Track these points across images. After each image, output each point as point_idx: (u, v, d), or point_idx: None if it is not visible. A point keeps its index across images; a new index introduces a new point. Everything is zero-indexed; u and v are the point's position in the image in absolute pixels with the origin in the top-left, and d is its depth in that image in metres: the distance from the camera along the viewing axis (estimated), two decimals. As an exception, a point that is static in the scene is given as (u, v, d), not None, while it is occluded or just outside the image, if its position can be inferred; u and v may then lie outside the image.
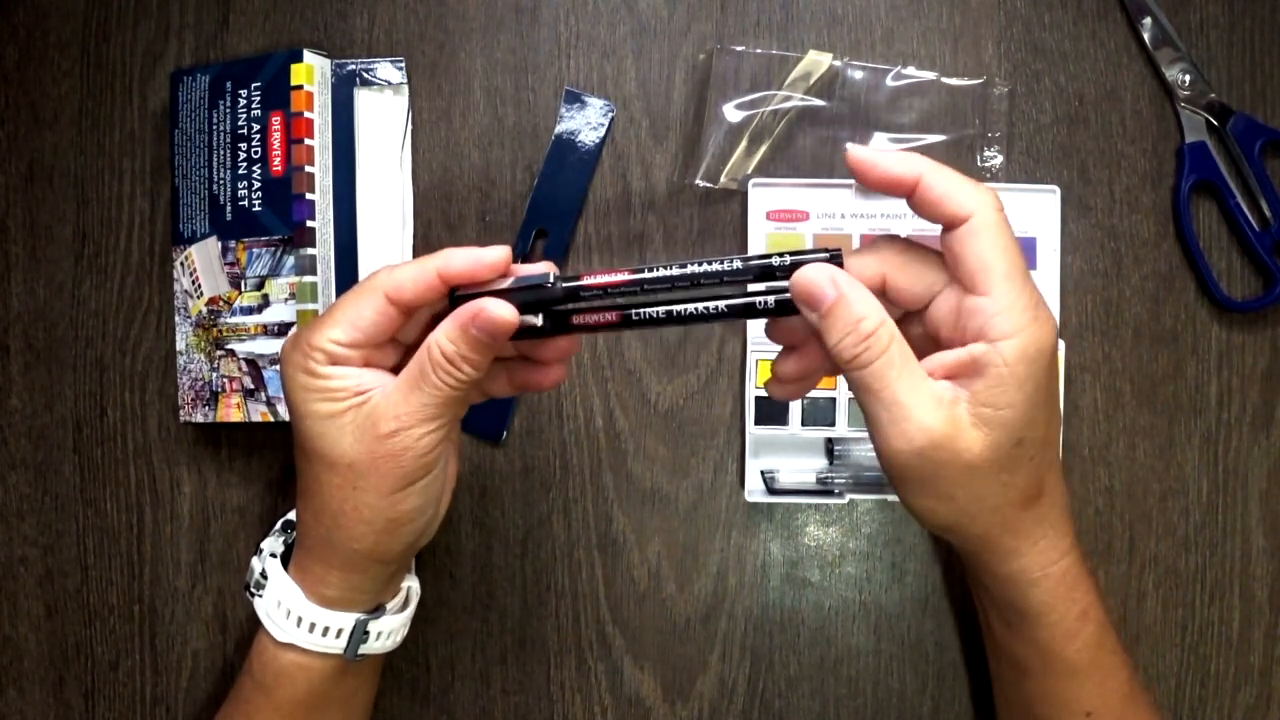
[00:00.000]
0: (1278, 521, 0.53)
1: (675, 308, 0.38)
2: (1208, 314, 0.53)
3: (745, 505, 0.53)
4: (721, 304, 0.38)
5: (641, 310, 0.38)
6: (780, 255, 0.38)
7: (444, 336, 0.38)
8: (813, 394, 0.51)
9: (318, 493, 0.40)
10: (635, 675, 0.54)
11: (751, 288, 0.38)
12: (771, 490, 0.52)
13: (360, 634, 0.43)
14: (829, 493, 0.52)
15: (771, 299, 0.38)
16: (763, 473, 0.52)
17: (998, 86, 0.53)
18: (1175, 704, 0.53)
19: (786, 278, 0.37)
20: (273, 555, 0.45)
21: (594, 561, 0.54)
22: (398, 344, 0.41)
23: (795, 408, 0.51)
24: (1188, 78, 0.52)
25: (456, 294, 0.39)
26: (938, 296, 0.38)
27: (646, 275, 0.38)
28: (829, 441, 0.52)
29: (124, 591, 0.55)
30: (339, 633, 0.43)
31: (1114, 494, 0.53)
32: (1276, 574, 0.53)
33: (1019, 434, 0.37)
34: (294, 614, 0.42)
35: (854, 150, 0.37)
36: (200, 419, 0.52)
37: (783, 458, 0.52)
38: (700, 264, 0.38)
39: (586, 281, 0.39)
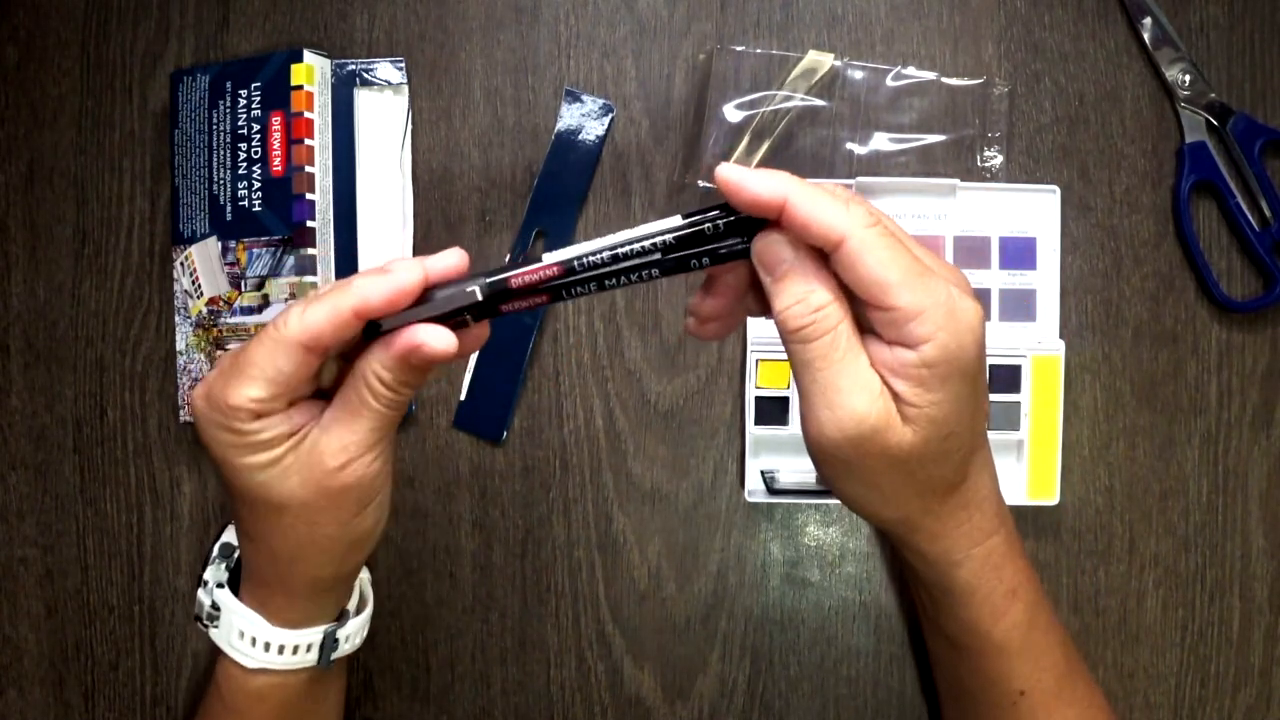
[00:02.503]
0: (1278, 521, 0.53)
1: (607, 280, 0.37)
2: (1208, 314, 0.53)
3: (745, 505, 0.53)
4: (654, 270, 0.37)
5: (572, 288, 0.37)
6: (712, 220, 0.36)
7: (380, 367, 0.37)
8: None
9: (269, 536, 0.39)
10: (635, 675, 0.54)
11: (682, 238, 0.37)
12: (771, 490, 0.52)
13: (330, 644, 0.43)
14: (829, 493, 0.52)
15: (706, 258, 0.37)
16: (763, 473, 0.52)
17: (998, 86, 0.53)
18: (1175, 704, 0.53)
19: (719, 240, 0.36)
20: (220, 586, 0.43)
21: (594, 561, 0.54)
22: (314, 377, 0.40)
23: (795, 408, 0.51)
24: (1188, 78, 0.52)
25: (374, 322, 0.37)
26: None
27: (576, 268, 0.37)
28: (829, 441, 0.52)
29: (124, 591, 0.55)
30: (309, 647, 0.42)
31: (1114, 494, 0.53)
32: (1276, 574, 0.53)
33: (947, 429, 0.36)
34: (260, 641, 0.42)
35: (724, 169, 0.35)
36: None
37: (782, 458, 0.52)
38: (631, 244, 0.36)
39: (515, 284, 0.37)
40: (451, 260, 0.38)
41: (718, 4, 0.53)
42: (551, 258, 0.37)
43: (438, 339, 0.36)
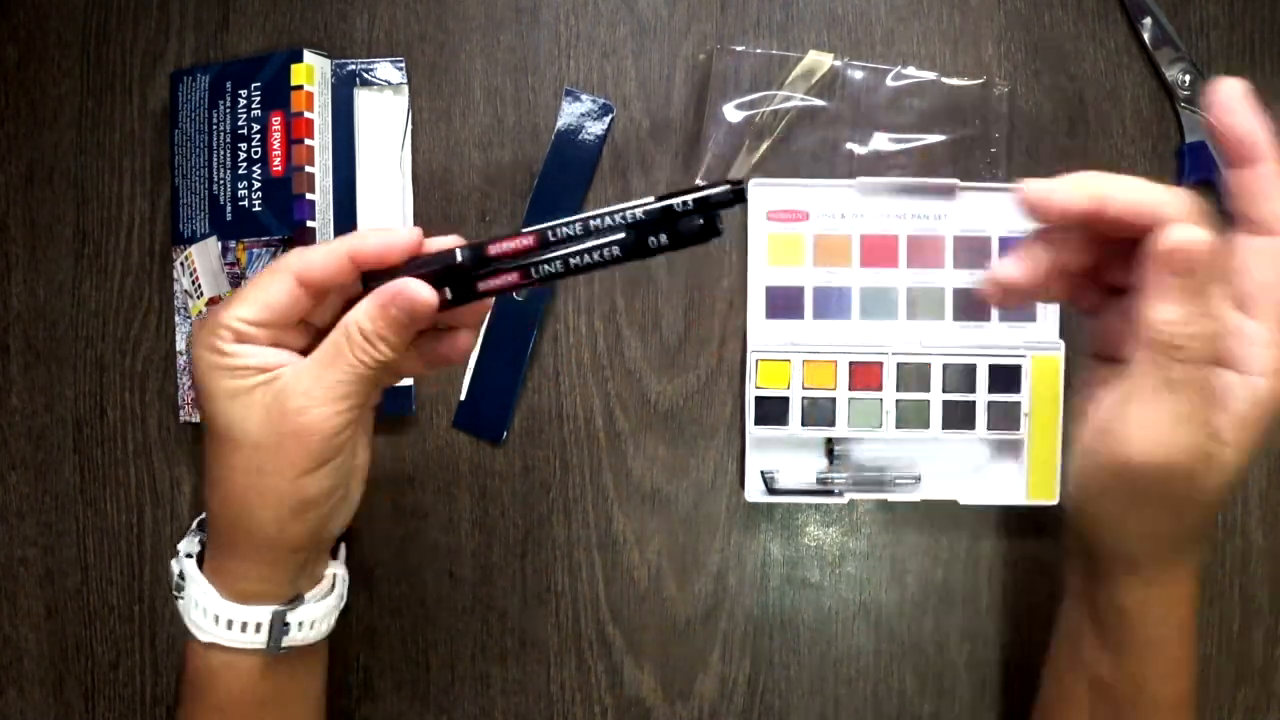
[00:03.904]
0: (1278, 521, 0.53)
1: (572, 260, 0.38)
2: (1208, 314, 0.53)
3: (745, 505, 0.53)
4: (615, 249, 0.37)
5: (540, 267, 0.38)
6: (682, 197, 0.37)
7: (363, 315, 0.38)
8: (812, 394, 0.51)
9: (224, 479, 0.40)
10: (635, 675, 0.54)
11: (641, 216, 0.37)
12: (771, 490, 0.52)
13: (280, 626, 0.42)
14: (829, 493, 0.52)
15: (664, 238, 0.37)
16: (763, 473, 0.52)
17: (998, 86, 0.53)
18: (1175, 704, 0.53)
19: (689, 216, 0.37)
20: (188, 555, 0.44)
21: (594, 561, 0.54)
22: (308, 327, 0.41)
23: (795, 408, 0.51)
24: (1188, 78, 0.52)
25: (368, 277, 0.40)
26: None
27: (550, 239, 0.38)
28: (829, 441, 0.52)
29: (124, 591, 0.55)
30: (258, 627, 0.42)
31: (1114, 494, 0.53)
32: (1276, 574, 0.53)
33: (1239, 478, 0.34)
34: (210, 612, 0.42)
35: (1028, 186, 0.33)
36: (200, 419, 0.52)
37: (783, 457, 0.52)
38: (602, 217, 0.37)
39: (493, 251, 0.39)
40: (448, 241, 0.40)
41: (718, 4, 0.53)
42: (528, 230, 0.38)
43: (418, 288, 0.38)
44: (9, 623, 0.55)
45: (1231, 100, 0.33)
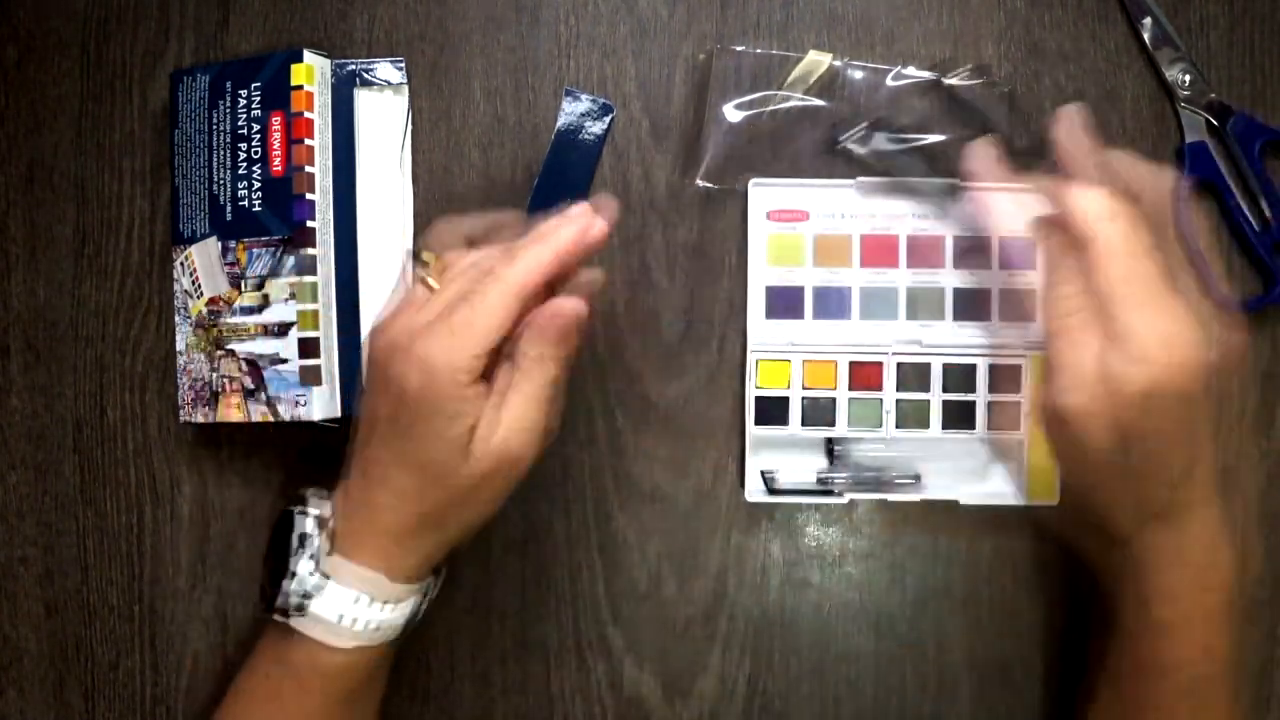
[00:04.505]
0: (1278, 521, 0.53)
1: None
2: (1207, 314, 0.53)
3: (745, 505, 0.53)
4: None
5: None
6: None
7: (548, 345, 0.41)
8: (812, 394, 0.51)
9: (421, 496, 0.42)
10: (635, 675, 0.54)
11: None
12: (771, 490, 0.52)
13: (425, 596, 0.45)
14: (829, 493, 0.52)
15: None
16: (763, 473, 0.52)
17: (998, 87, 0.53)
18: (1175, 704, 0.53)
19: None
20: (313, 574, 0.43)
21: (594, 561, 0.54)
22: None
23: (795, 408, 0.51)
24: (1188, 78, 0.52)
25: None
26: None
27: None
28: (829, 441, 0.52)
29: (124, 591, 0.55)
30: (411, 603, 0.44)
31: (1114, 494, 0.53)
32: (1276, 574, 0.53)
33: (1138, 448, 0.39)
34: (376, 601, 0.42)
35: (1068, 108, 0.41)
36: (200, 419, 0.52)
37: (783, 457, 0.52)
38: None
39: None
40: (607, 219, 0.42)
41: (718, 4, 0.53)
42: None
43: (576, 305, 0.41)
44: (9, 623, 0.55)
45: (1067, 114, 0.42)
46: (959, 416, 0.51)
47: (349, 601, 0.43)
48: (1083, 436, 0.40)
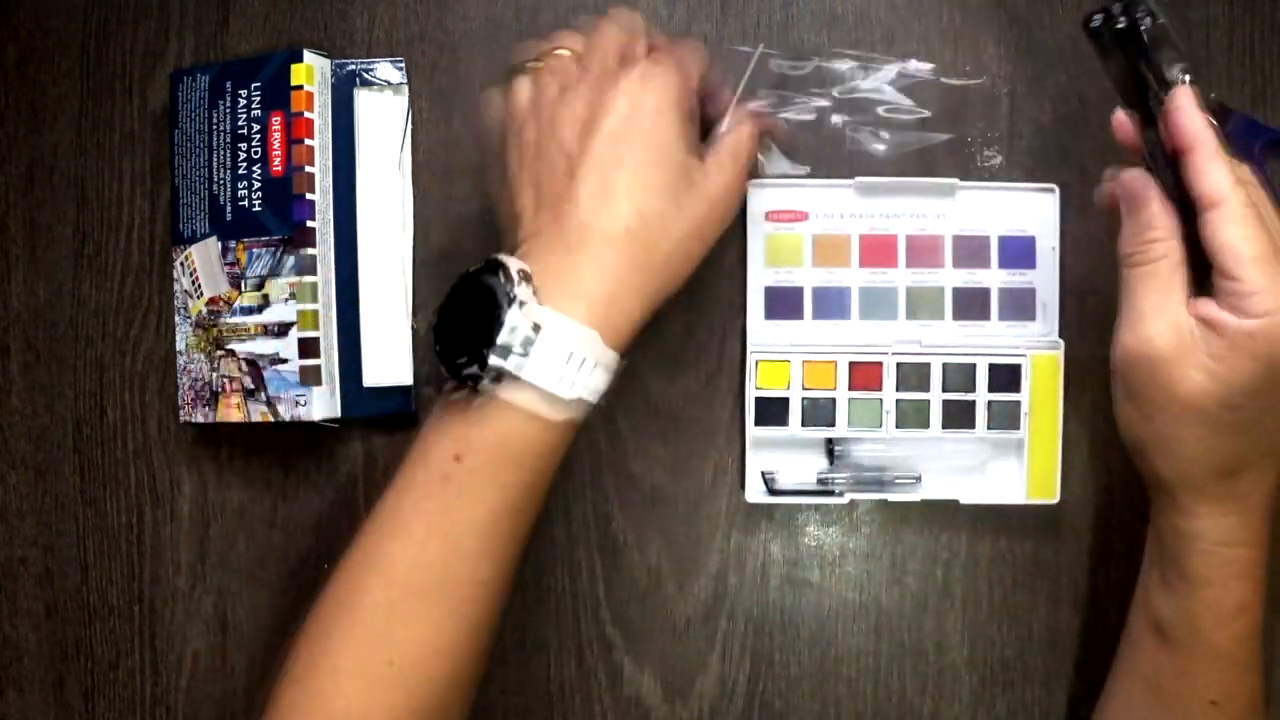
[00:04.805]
0: (1278, 521, 0.53)
1: None
2: (1208, 314, 0.53)
3: (745, 505, 0.53)
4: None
5: None
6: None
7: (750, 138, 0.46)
8: (812, 394, 0.51)
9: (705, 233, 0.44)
10: (635, 675, 0.54)
11: None
12: (772, 491, 0.52)
13: (618, 371, 0.42)
14: (829, 493, 0.52)
15: None
16: (763, 473, 0.52)
17: (998, 86, 0.53)
18: (1175, 704, 0.53)
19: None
20: (536, 327, 0.39)
21: (594, 561, 0.54)
22: None
23: (795, 408, 0.51)
24: (1188, 78, 0.52)
25: None
26: None
27: None
28: (829, 442, 0.52)
29: (124, 591, 0.55)
30: (613, 373, 0.42)
31: (1114, 493, 0.53)
32: (1277, 574, 0.53)
33: (1234, 401, 0.40)
34: (588, 362, 0.40)
35: (1183, 91, 0.41)
36: (200, 419, 0.52)
37: (783, 458, 0.52)
38: None
39: None
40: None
41: (718, 4, 0.53)
42: None
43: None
44: (9, 623, 0.55)
45: (1181, 94, 0.41)
46: (959, 416, 0.51)
47: (562, 361, 0.39)
48: (1178, 376, 0.40)
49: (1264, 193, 0.41)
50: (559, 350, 0.39)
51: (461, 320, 0.40)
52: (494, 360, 0.39)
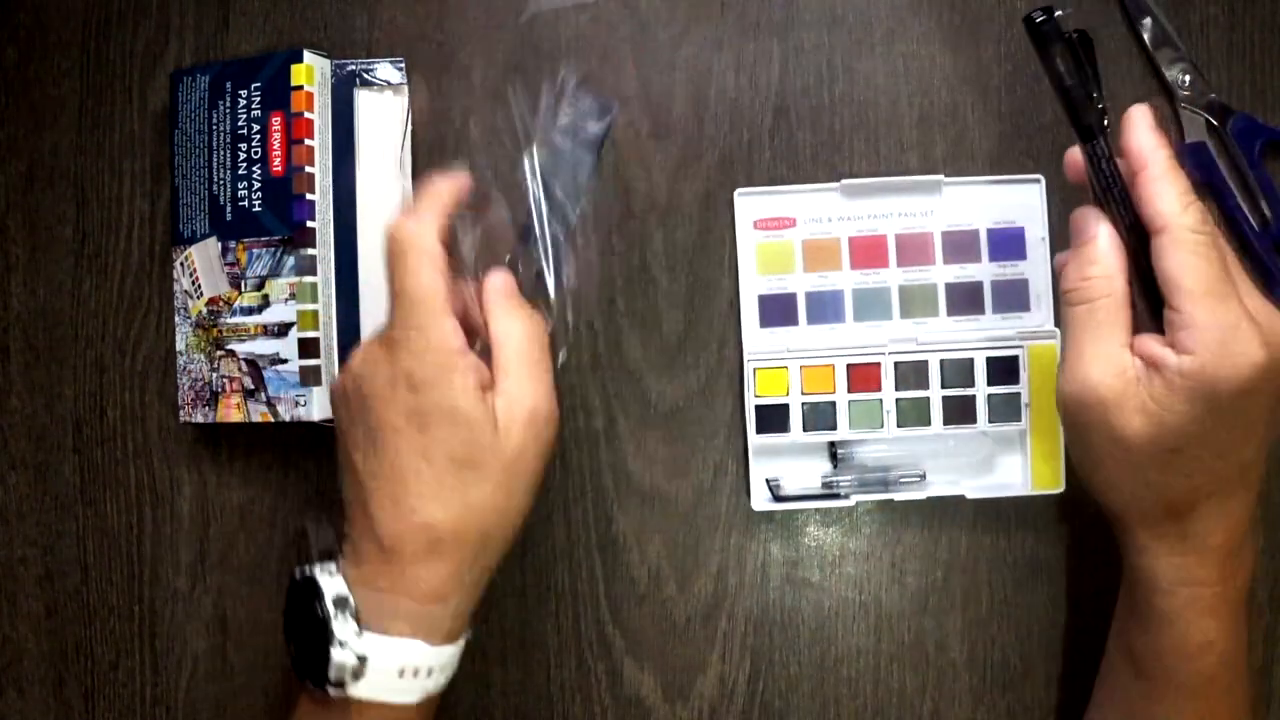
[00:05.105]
0: (1277, 521, 0.53)
1: None
2: (1208, 314, 0.53)
3: (745, 505, 0.53)
4: None
5: None
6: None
7: (515, 319, 0.43)
8: (812, 399, 0.51)
9: (472, 504, 0.40)
10: (635, 675, 0.54)
11: None
12: (778, 497, 0.52)
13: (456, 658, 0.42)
14: (835, 495, 0.52)
15: None
16: (767, 480, 0.52)
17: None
18: (1175, 704, 0.53)
19: None
20: (359, 635, 0.39)
21: (594, 561, 0.54)
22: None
23: (795, 413, 0.51)
24: (1188, 78, 0.52)
25: None
26: None
27: None
28: (831, 445, 0.52)
29: (124, 591, 0.55)
30: (440, 669, 0.41)
31: (1114, 494, 0.53)
32: (1277, 574, 0.53)
33: (1173, 444, 0.38)
34: (423, 669, 0.40)
35: (1138, 110, 0.39)
36: (200, 419, 0.52)
37: (786, 464, 0.52)
38: None
39: None
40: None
41: (718, 4, 0.53)
42: None
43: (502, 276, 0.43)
44: (9, 623, 0.55)
45: (1134, 118, 0.39)
46: (959, 411, 0.51)
47: (395, 678, 0.39)
48: (1116, 422, 0.39)
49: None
50: (389, 672, 0.39)
51: (299, 636, 0.40)
52: (331, 689, 0.39)
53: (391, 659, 0.39)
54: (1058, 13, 0.39)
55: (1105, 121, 0.40)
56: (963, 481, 0.52)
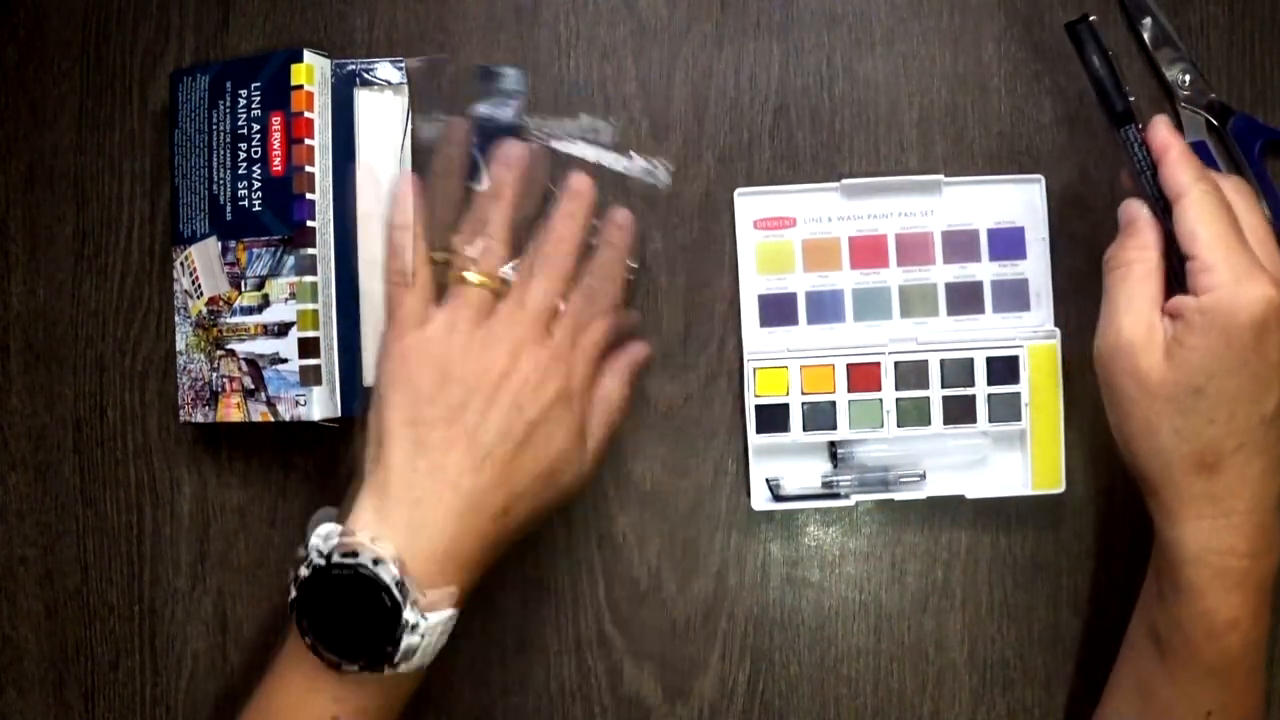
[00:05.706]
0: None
1: None
2: (1208, 314, 0.53)
3: (745, 505, 0.53)
4: None
5: None
6: None
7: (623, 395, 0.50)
8: (812, 399, 0.51)
9: (526, 502, 0.45)
10: (635, 675, 0.54)
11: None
12: (778, 497, 0.52)
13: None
14: (835, 495, 0.52)
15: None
16: (768, 480, 0.52)
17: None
18: (1175, 704, 0.53)
19: None
20: (424, 615, 0.41)
21: (594, 561, 0.54)
22: None
23: (795, 413, 0.51)
24: (1188, 78, 0.52)
25: None
26: None
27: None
28: (831, 444, 0.52)
29: (124, 591, 0.55)
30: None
31: (1114, 493, 0.53)
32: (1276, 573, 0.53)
33: (1195, 382, 0.41)
34: (449, 631, 0.44)
35: (1161, 122, 0.45)
36: (200, 419, 0.52)
37: (787, 464, 0.52)
38: None
39: None
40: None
41: (718, 4, 0.53)
42: None
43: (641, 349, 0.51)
44: (9, 623, 0.55)
45: (1158, 124, 0.45)
46: (959, 411, 0.51)
47: (437, 644, 0.43)
48: (1144, 364, 0.42)
49: (1242, 190, 0.44)
50: (436, 645, 0.43)
51: (343, 621, 0.41)
52: (388, 669, 0.41)
53: (444, 630, 0.43)
54: (1091, 18, 0.46)
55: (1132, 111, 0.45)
56: (963, 481, 0.52)
